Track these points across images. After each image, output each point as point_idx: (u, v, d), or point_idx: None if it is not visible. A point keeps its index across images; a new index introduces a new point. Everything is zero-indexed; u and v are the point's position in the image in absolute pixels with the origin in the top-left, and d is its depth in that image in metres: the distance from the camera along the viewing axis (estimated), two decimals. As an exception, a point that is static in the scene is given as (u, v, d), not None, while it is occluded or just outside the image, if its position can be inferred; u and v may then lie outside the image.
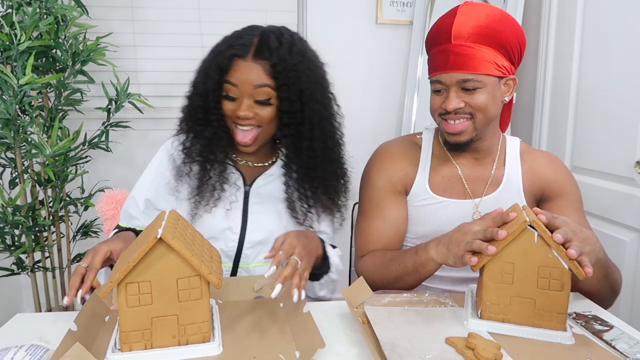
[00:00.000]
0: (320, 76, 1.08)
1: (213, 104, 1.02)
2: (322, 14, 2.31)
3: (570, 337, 0.79)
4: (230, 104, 1.01)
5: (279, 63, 0.98)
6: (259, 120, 1.01)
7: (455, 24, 0.99)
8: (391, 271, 1.02)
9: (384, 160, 1.17)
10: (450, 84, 1.00)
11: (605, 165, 1.71)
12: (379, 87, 2.40)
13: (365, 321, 0.84)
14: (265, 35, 1.00)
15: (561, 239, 0.76)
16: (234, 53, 0.99)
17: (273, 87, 0.99)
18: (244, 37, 1.01)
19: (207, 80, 1.02)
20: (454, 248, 0.86)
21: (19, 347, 0.72)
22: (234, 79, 0.99)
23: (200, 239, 0.82)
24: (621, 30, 1.63)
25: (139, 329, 0.73)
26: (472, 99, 1.00)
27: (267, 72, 0.98)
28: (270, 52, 0.98)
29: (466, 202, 1.10)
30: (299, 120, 1.02)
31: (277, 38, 1.00)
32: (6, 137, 1.62)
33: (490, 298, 0.82)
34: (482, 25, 0.98)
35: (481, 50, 0.97)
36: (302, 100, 1.01)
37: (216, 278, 0.72)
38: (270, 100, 1.00)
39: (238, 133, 1.03)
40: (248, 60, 0.98)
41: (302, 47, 1.05)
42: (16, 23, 1.56)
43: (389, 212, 1.12)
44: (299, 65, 1.00)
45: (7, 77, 1.53)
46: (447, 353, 0.74)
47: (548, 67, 2.01)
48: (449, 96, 1.01)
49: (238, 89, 0.99)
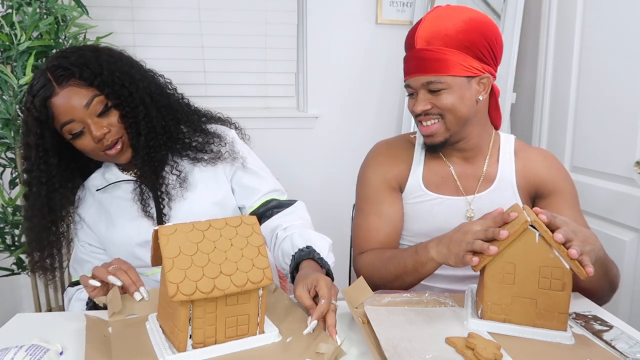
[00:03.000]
0: (125, 58, 1.05)
1: (66, 158, 1.02)
2: (322, 14, 2.31)
3: (570, 337, 0.79)
4: (83, 139, 0.98)
5: (83, 70, 0.95)
6: (116, 131, 0.99)
7: (418, 30, 1.02)
8: (390, 270, 1.02)
9: (378, 158, 1.18)
10: (417, 87, 1.04)
11: (605, 165, 1.71)
12: (379, 87, 2.41)
13: (365, 321, 0.84)
14: (52, 63, 0.96)
15: (562, 238, 0.76)
16: (43, 98, 0.94)
17: (99, 92, 0.96)
18: (36, 81, 0.96)
19: (42, 143, 0.98)
20: (454, 248, 0.86)
21: (19, 347, 0.72)
22: (65, 117, 0.95)
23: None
24: (621, 30, 1.63)
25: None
26: (439, 100, 1.02)
27: (82, 86, 0.95)
28: (68, 69, 0.95)
29: (459, 200, 1.11)
30: (136, 104, 1.00)
31: (62, 55, 0.97)
32: (6, 137, 1.62)
33: (491, 298, 0.82)
34: (443, 29, 1.00)
35: (444, 52, 0.99)
36: (125, 84, 0.99)
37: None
38: (108, 104, 0.97)
39: (108, 156, 1.01)
40: (59, 92, 0.94)
41: (91, 47, 1.03)
42: (16, 23, 1.56)
43: (385, 208, 1.13)
44: (99, 58, 0.98)
45: (7, 77, 1.53)
46: (447, 353, 0.74)
47: (548, 67, 2.01)
48: (417, 99, 1.05)
49: (76, 122, 0.96)
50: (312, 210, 1.18)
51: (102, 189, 1.10)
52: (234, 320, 0.76)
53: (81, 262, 1.12)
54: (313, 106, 2.39)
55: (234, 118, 1.25)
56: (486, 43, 1.01)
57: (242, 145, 1.18)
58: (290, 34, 2.37)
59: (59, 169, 1.02)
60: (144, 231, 1.06)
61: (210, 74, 2.34)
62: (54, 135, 0.99)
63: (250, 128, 1.28)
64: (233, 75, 2.36)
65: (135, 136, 1.01)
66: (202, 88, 2.33)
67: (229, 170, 1.14)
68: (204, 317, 0.74)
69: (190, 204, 1.08)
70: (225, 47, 2.32)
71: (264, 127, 2.34)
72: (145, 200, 1.06)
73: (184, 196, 1.08)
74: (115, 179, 1.10)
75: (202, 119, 1.17)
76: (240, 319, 0.76)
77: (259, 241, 0.78)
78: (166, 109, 1.07)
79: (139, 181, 1.07)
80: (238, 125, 1.24)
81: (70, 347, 0.78)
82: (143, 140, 1.01)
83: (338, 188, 2.31)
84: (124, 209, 1.08)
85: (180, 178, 1.08)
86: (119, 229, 1.08)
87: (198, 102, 1.21)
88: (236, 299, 0.75)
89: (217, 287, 0.72)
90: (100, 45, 1.07)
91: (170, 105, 1.09)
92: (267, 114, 2.39)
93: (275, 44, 2.36)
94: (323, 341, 0.74)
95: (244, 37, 2.32)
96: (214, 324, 0.75)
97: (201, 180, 1.11)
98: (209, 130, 1.14)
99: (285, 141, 2.39)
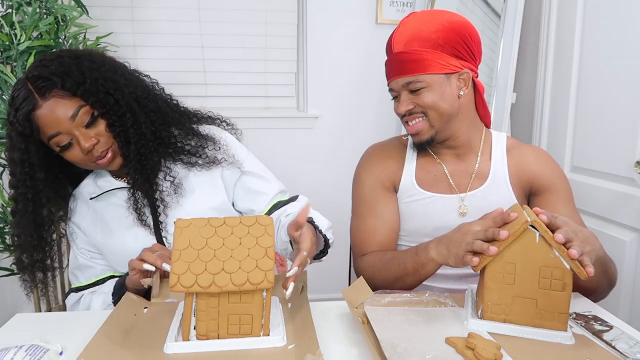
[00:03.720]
0: (108, 62, 1.01)
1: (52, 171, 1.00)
2: (322, 14, 2.31)
3: (570, 337, 0.79)
4: (72, 150, 0.96)
5: (65, 79, 0.91)
6: (104, 140, 0.97)
7: (394, 35, 1.06)
8: (391, 271, 1.02)
9: (371, 160, 1.20)
10: (398, 89, 1.07)
11: (605, 165, 1.71)
12: (378, 87, 2.40)
13: (365, 321, 0.84)
14: (32, 73, 0.93)
15: (563, 239, 0.76)
16: (26, 111, 0.91)
17: (84, 103, 0.93)
18: (17, 93, 0.93)
19: (28, 157, 0.95)
20: (454, 248, 0.86)
21: (19, 347, 0.72)
22: (51, 130, 0.92)
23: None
24: (621, 30, 1.63)
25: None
26: (419, 99, 1.05)
27: (66, 96, 0.92)
28: (49, 79, 0.91)
29: (452, 197, 1.12)
30: (123, 111, 0.97)
31: (42, 64, 0.93)
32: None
33: (491, 298, 0.82)
34: (418, 31, 1.03)
35: (419, 53, 1.02)
36: (110, 92, 0.95)
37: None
38: (94, 114, 0.95)
39: (99, 165, 1.00)
40: (42, 105, 0.91)
41: (71, 52, 0.99)
42: (16, 23, 1.56)
43: (381, 209, 1.14)
44: (81, 66, 0.94)
45: (7, 77, 1.53)
46: (447, 353, 0.74)
47: (548, 67, 2.01)
48: (400, 100, 1.08)
49: (63, 134, 0.93)
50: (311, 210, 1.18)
51: (96, 197, 1.08)
52: (237, 318, 0.76)
53: (82, 267, 1.11)
54: (313, 106, 2.39)
55: (234, 118, 1.25)
56: (461, 41, 1.04)
57: (239, 147, 1.16)
58: (290, 34, 2.37)
59: (47, 183, 1.00)
60: (141, 239, 1.05)
61: (210, 74, 2.34)
62: (40, 148, 0.96)
63: (250, 128, 1.28)
64: (233, 75, 2.36)
65: (125, 144, 0.99)
66: (202, 88, 2.33)
67: (229, 175, 1.12)
68: (207, 311, 0.75)
69: (186, 211, 1.06)
70: (225, 47, 2.32)
71: (264, 127, 2.34)
72: (140, 208, 1.05)
73: (180, 202, 1.07)
74: (109, 186, 1.08)
75: (193, 119, 1.15)
76: (243, 317, 0.77)
77: (268, 243, 0.78)
78: (155, 113, 1.04)
79: (132, 189, 1.05)
80: (229, 122, 1.22)
81: (70, 347, 0.78)
82: (133, 148, 0.99)
83: (338, 188, 2.31)
84: (120, 218, 1.07)
85: (174, 184, 1.06)
86: (115, 238, 1.07)
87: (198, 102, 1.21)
88: (239, 298, 0.76)
89: (215, 283, 0.73)
90: (80, 50, 1.02)
91: (159, 108, 1.06)
92: (267, 114, 2.39)
93: (275, 44, 2.36)
94: (310, 352, 0.73)
95: (244, 37, 2.32)
96: (216, 319, 0.76)
97: (197, 185, 1.09)
98: (201, 133, 1.12)
99: (285, 141, 2.39)
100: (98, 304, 1.05)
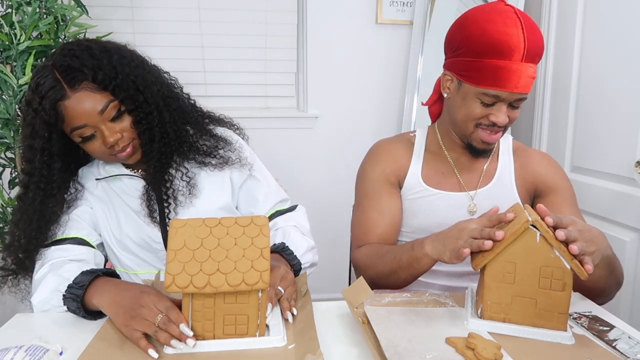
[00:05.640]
0: (136, 58, 1.01)
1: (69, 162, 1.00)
2: (322, 14, 2.30)
3: (570, 337, 0.79)
4: (93, 142, 0.96)
5: (96, 73, 0.91)
6: (128, 136, 0.97)
7: (527, 42, 0.95)
8: (386, 264, 1.02)
9: (378, 154, 1.20)
10: (507, 101, 1.01)
11: (606, 165, 1.71)
12: (379, 87, 2.40)
13: (365, 321, 0.84)
14: (60, 62, 0.91)
15: (563, 236, 0.76)
16: (53, 100, 0.90)
17: (114, 98, 0.93)
18: (43, 80, 0.91)
19: (49, 146, 0.94)
20: (450, 244, 0.86)
21: (19, 347, 0.72)
22: (77, 122, 0.92)
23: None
24: (621, 29, 1.63)
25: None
26: (514, 113, 1.03)
27: (96, 90, 0.92)
28: (80, 71, 0.90)
29: (461, 195, 1.12)
30: (151, 109, 0.97)
31: (71, 54, 0.92)
32: (6, 137, 1.62)
33: (491, 298, 0.82)
34: (541, 44, 1.00)
35: (535, 71, 0.99)
36: (140, 89, 0.96)
37: None
38: (121, 109, 0.95)
39: (118, 158, 1.00)
40: (71, 96, 0.91)
41: (100, 44, 0.98)
42: (16, 23, 1.56)
43: (384, 203, 1.14)
44: (112, 60, 0.94)
45: (7, 77, 1.53)
46: (447, 353, 0.74)
47: (548, 66, 2.01)
48: (501, 110, 1.01)
49: (89, 126, 0.93)
50: (311, 210, 1.18)
51: (104, 179, 1.07)
52: (233, 319, 0.76)
53: (65, 222, 1.03)
54: (313, 106, 2.39)
55: (234, 118, 1.25)
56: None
57: (249, 152, 1.17)
58: (290, 34, 2.37)
59: (61, 173, 1.00)
60: (145, 234, 1.06)
61: (210, 74, 2.34)
62: (61, 138, 0.96)
63: (250, 128, 1.28)
64: (233, 75, 2.36)
65: (149, 142, 0.99)
66: (202, 88, 2.33)
67: (237, 177, 1.12)
68: (202, 311, 0.75)
69: (197, 210, 1.06)
70: (225, 47, 2.32)
71: (264, 127, 2.34)
72: (152, 205, 1.05)
73: (193, 203, 1.07)
74: (117, 171, 1.07)
75: (206, 120, 1.16)
76: (239, 318, 0.77)
77: (263, 243, 0.78)
78: (177, 113, 1.05)
79: (145, 183, 1.06)
80: (239, 126, 1.24)
81: (70, 347, 0.78)
82: (156, 146, 1.00)
83: (338, 188, 2.31)
84: (128, 211, 1.07)
85: (190, 185, 1.06)
86: (122, 229, 1.06)
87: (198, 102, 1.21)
88: (234, 298, 0.76)
89: (210, 284, 0.73)
90: (108, 43, 1.00)
91: (181, 107, 1.07)
92: (267, 114, 2.39)
93: (275, 44, 2.36)
94: (310, 352, 0.73)
95: (244, 37, 2.32)
96: (212, 320, 0.76)
97: (208, 185, 1.09)
98: (216, 133, 1.13)
99: (285, 141, 2.39)
100: (49, 286, 0.92)
